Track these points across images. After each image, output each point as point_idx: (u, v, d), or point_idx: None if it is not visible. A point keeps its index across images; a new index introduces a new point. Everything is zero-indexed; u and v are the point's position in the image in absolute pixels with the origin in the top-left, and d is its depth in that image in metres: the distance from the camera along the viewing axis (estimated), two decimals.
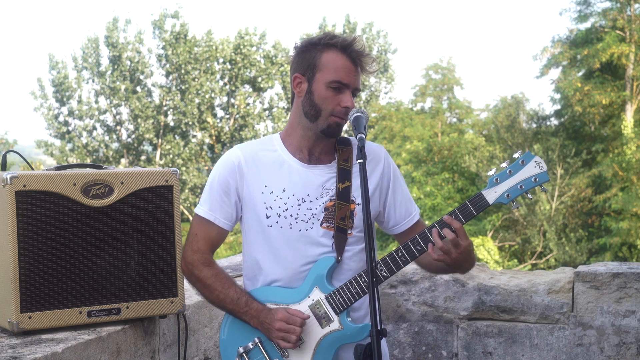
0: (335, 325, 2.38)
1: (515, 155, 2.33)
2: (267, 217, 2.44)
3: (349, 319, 2.39)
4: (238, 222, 2.56)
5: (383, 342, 2.59)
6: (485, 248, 21.70)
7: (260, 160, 2.48)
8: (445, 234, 2.28)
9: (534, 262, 23.60)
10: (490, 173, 2.33)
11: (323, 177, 2.45)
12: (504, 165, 2.33)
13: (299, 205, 2.42)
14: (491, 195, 2.31)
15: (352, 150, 2.51)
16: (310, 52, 2.42)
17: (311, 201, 2.43)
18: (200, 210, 2.51)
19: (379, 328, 2.02)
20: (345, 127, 2.49)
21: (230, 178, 2.47)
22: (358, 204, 2.45)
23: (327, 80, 2.37)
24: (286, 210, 2.42)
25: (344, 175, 2.45)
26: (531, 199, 2.33)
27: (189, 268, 2.52)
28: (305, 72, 2.42)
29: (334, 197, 2.43)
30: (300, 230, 2.42)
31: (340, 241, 2.42)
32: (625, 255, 21.98)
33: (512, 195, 2.30)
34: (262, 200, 2.44)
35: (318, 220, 2.42)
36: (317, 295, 2.39)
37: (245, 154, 2.48)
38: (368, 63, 2.43)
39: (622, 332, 3.53)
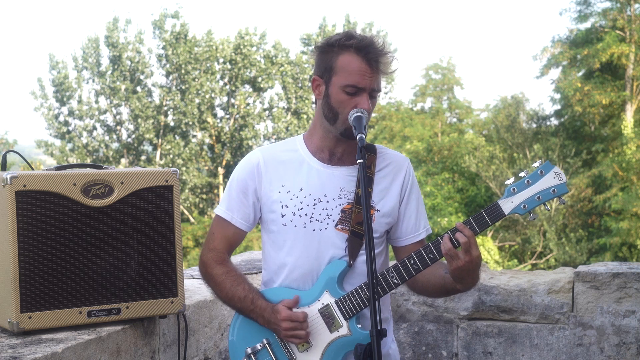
0: (344, 330, 2.36)
1: (535, 165, 2.26)
2: (283, 216, 2.43)
3: (359, 325, 2.36)
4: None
5: (394, 345, 2.59)
6: (485, 248, 21.67)
7: (279, 160, 2.48)
8: (457, 237, 2.21)
9: (534, 262, 23.60)
10: (508, 182, 2.26)
11: (343, 178, 2.43)
12: (522, 174, 2.25)
13: (315, 204, 2.41)
14: (507, 205, 2.24)
15: (375, 158, 2.48)
16: (328, 54, 2.38)
17: (327, 202, 2.42)
18: (218, 209, 2.53)
19: (379, 328, 2.01)
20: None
21: (249, 179, 2.47)
22: (377, 210, 2.44)
23: (342, 84, 2.33)
24: (301, 209, 2.41)
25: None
26: (549, 210, 2.28)
27: (204, 266, 2.54)
28: (322, 74, 2.39)
29: (352, 201, 2.41)
30: (314, 230, 2.41)
31: (354, 245, 2.40)
32: (625, 255, 21.97)
33: (529, 206, 2.23)
34: (278, 199, 2.44)
35: (333, 221, 2.41)
36: (327, 299, 2.37)
37: (265, 155, 2.49)
38: (386, 63, 2.35)
39: (622, 332, 3.53)
